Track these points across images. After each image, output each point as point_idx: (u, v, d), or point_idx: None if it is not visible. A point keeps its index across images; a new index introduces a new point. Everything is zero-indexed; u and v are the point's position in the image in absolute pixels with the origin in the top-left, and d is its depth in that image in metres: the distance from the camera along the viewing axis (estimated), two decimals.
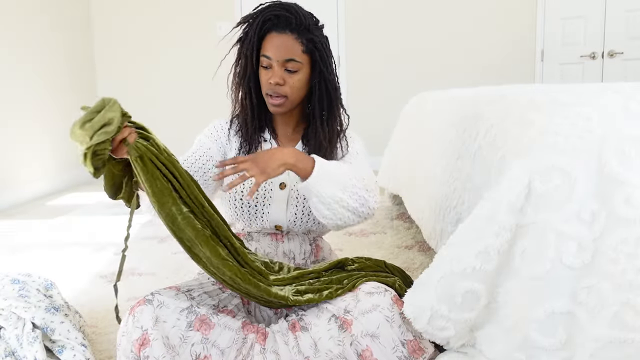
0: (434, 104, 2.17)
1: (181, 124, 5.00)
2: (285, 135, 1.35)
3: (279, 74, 1.21)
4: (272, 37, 1.22)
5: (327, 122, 1.29)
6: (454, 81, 4.69)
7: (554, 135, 0.97)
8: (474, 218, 1.00)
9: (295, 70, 1.22)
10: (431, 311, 1.00)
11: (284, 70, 1.22)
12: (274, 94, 1.23)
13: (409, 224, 2.72)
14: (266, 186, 1.29)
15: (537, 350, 0.96)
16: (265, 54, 1.22)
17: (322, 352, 1.04)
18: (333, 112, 1.30)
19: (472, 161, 1.31)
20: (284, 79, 1.22)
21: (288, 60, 1.21)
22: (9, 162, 3.64)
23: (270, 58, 1.22)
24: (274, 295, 1.09)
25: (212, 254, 1.04)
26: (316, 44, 1.23)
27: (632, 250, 0.88)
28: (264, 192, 1.29)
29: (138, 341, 1.01)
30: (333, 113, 1.30)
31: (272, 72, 1.22)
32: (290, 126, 1.35)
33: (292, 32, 1.21)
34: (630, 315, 0.89)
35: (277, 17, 1.21)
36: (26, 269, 2.17)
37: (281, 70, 1.22)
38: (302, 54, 1.22)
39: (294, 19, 1.20)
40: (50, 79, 4.23)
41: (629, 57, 4.32)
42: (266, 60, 1.22)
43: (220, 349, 1.05)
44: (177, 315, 1.05)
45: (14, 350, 1.21)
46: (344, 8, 4.76)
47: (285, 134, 1.35)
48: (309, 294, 1.11)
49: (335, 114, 1.30)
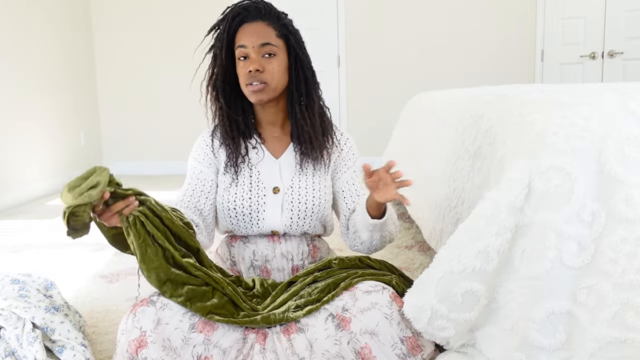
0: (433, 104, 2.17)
1: (181, 123, 5.00)
2: (273, 138, 1.34)
3: (257, 60, 1.21)
4: (244, 28, 1.23)
5: (306, 108, 1.29)
6: (454, 81, 4.69)
7: (553, 135, 0.97)
8: (474, 218, 1.00)
9: (273, 54, 1.23)
10: (431, 311, 1.00)
11: (261, 57, 1.22)
12: (254, 82, 1.22)
13: (409, 224, 2.72)
14: (259, 192, 1.28)
15: (537, 350, 0.96)
16: (240, 44, 1.23)
17: (318, 353, 1.03)
18: (311, 96, 1.29)
19: (472, 161, 1.31)
20: (263, 66, 1.22)
21: (264, 45, 1.22)
22: (9, 162, 3.64)
23: (245, 46, 1.22)
24: (273, 321, 1.09)
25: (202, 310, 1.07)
26: (289, 29, 1.26)
27: (632, 250, 0.88)
28: (258, 198, 1.28)
29: (135, 342, 1.01)
30: (312, 97, 1.29)
31: (250, 60, 1.22)
32: (276, 125, 1.33)
33: (264, 20, 1.23)
34: (630, 315, 0.89)
35: (246, 9, 1.23)
36: (26, 269, 2.17)
37: (258, 56, 1.22)
38: (276, 39, 1.23)
39: (263, 7, 1.23)
40: (50, 79, 4.23)
41: (629, 57, 4.32)
42: (242, 50, 1.23)
43: (222, 349, 1.06)
44: (179, 317, 1.05)
45: (14, 350, 1.21)
46: (344, 8, 4.76)
47: (274, 137, 1.34)
48: (308, 305, 1.11)
49: (313, 98, 1.29)
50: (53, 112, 4.24)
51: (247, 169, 1.29)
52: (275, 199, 1.28)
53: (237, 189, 1.28)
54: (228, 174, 1.29)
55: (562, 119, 0.99)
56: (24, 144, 3.83)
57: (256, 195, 1.28)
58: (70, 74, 4.53)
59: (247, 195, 1.27)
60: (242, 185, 1.28)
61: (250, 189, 1.28)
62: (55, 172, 4.25)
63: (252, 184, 1.28)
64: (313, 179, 1.31)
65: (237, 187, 1.28)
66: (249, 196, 1.27)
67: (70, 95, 4.51)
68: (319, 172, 1.32)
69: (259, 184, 1.29)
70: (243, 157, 1.30)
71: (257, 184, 1.29)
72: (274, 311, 1.11)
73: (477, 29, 4.72)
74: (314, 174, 1.31)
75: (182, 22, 4.87)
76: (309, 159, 1.30)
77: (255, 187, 1.28)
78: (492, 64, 4.74)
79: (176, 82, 4.94)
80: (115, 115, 5.06)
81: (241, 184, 1.28)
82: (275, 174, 1.30)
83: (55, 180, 4.22)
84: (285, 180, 1.30)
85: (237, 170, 1.28)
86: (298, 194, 1.29)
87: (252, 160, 1.30)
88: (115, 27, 4.93)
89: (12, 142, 3.68)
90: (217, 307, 1.07)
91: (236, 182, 1.28)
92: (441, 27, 4.76)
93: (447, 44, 4.77)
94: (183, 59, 4.93)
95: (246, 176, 1.29)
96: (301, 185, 1.30)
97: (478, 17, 4.71)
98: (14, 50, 3.74)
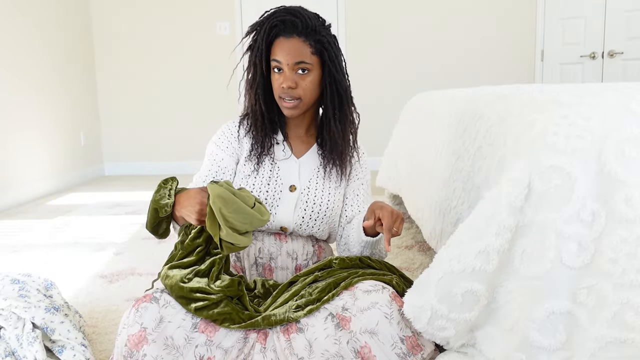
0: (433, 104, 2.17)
1: (181, 124, 5.01)
2: (297, 138, 1.37)
3: (291, 77, 1.23)
4: (280, 42, 1.24)
5: (339, 121, 1.31)
6: (454, 81, 4.69)
7: (553, 135, 0.97)
8: (474, 218, 1.00)
9: (306, 72, 1.24)
10: (431, 311, 1.00)
11: (295, 73, 1.24)
12: (287, 97, 1.25)
13: (409, 224, 2.72)
14: (276, 187, 1.31)
15: (537, 350, 0.96)
16: (276, 58, 1.24)
17: (318, 353, 1.03)
18: (344, 110, 1.31)
19: (472, 161, 1.31)
20: (296, 82, 1.24)
21: (298, 63, 1.23)
22: (9, 162, 3.64)
23: (280, 62, 1.24)
24: (274, 322, 1.10)
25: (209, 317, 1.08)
26: (324, 45, 1.25)
27: (632, 250, 0.88)
28: (274, 193, 1.30)
29: (134, 337, 1.01)
30: (344, 111, 1.32)
31: (284, 75, 1.24)
32: (302, 128, 1.37)
33: (300, 36, 1.23)
34: (630, 315, 0.89)
35: (283, 23, 1.23)
36: (26, 269, 2.17)
37: (292, 73, 1.23)
38: (311, 56, 1.24)
39: (300, 22, 1.22)
40: (50, 78, 4.23)
41: (629, 57, 4.32)
42: (277, 64, 1.25)
43: (223, 349, 1.06)
44: (182, 315, 1.06)
45: (14, 350, 1.21)
46: (344, 8, 4.76)
47: (298, 137, 1.37)
48: (309, 305, 1.12)
49: (346, 112, 1.32)
50: (53, 112, 4.24)
51: (269, 163, 1.32)
52: (291, 196, 1.31)
53: (256, 180, 1.31)
54: (250, 163, 1.32)
55: (562, 118, 0.99)
56: (24, 144, 3.83)
57: (273, 189, 1.30)
58: (70, 74, 4.53)
59: (264, 187, 1.30)
60: (262, 177, 1.31)
61: (268, 182, 1.31)
62: (55, 172, 4.25)
63: (271, 178, 1.31)
64: (330, 184, 1.35)
65: (255, 179, 1.31)
66: (266, 189, 1.30)
67: (70, 95, 4.51)
68: (337, 179, 1.36)
69: (277, 179, 1.31)
70: (268, 150, 1.32)
71: (275, 179, 1.31)
72: (275, 311, 1.11)
73: (477, 29, 4.73)
74: (332, 180, 1.35)
75: (182, 23, 4.87)
76: (334, 167, 1.34)
77: (273, 181, 1.31)
78: (492, 64, 4.74)
79: (176, 82, 4.94)
80: (115, 115, 5.06)
81: (260, 176, 1.31)
82: (294, 172, 1.33)
83: (55, 180, 4.22)
84: (303, 181, 1.33)
85: (259, 161, 1.31)
86: (314, 195, 1.32)
87: (276, 156, 1.33)
88: (115, 27, 4.93)
89: (12, 142, 3.68)
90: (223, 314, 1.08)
91: (256, 174, 1.31)
92: (441, 27, 4.76)
93: (447, 44, 4.77)
94: (183, 59, 4.93)
95: (266, 169, 1.32)
96: (318, 187, 1.33)
97: (478, 17, 4.71)
98: (14, 50, 3.74)
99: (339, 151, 1.32)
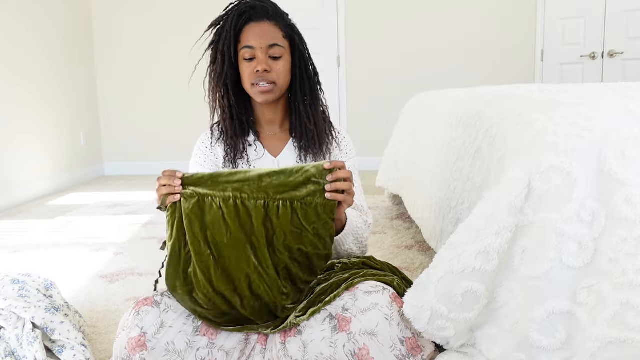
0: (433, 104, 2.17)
1: (181, 124, 5.01)
2: (273, 136, 1.34)
3: (265, 61, 1.21)
4: (251, 27, 1.22)
5: (309, 106, 1.29)
6: (454, 81, 4.69)
7: (553, 135, 0.97)
8: (474, 218, 1.00)
9: (280, 56, 1.23)
10: (431, 311, 1.00)
11: (268, 58, 1.22)
12: (261, 82, 1.22)
13: (409, 224, 2.72)
14: None
15: (537, 350, 0.96)
16: (247, 44, 1.22)
17: (312, 355, 1.02)
18: (315, 95, 1.30)
19: (472, 161, 1.31)
20: (270, 66, 1.22)
21: (272, 46, 1.21)
22: (9, 162, 3.64)
23: (253, 47, 1.21)
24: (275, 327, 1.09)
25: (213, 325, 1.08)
26: (294, 29, 1.26)
27: (632, 250, 0.88)
28: None
29: (133, 340, 1.01)
30: (316, 96, 1.30)
31: (257, 60, 1.22)
32: (276, 124, 1.33)
33: (270, 20, 1.22)
34: (630, 315, 0.89)
35: (252, 8, 1.22)
36: (26, 269, 2.17)
37: (265, 57, 1.22)
38: (283, 39, 1.23)
39: (270, 7, 1.23)
40: (51, 79, 4.23)
41: (629, 57, 4.32)
42: (249, 51, 1.22)
43: (225, 351, 1.06)
44: (183, 320, 1.05)
45: (14, 350, 1.21)
46: (344, 8, 4.76)
47: (273, 135, 1.34)
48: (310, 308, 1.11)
49: (317, 97, 1.31)
50: (53, 112, 4.24)
51: (245, 166, 1.30)
52: None
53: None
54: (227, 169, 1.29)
55: (562, 118, 0.99)
56: (24, 144, 3.83)
57: None
58: (70, 74, 4.53)
59: None
60: None
61: None
62: (55, 172, 4.25)
63: None
64: None
65: None
66: None
67: (70, 95, 4.51)
68: None
69: None
70: (242, 154, 1.30)
71: None
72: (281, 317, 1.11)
73: (477, 29, 4.72)
74: None
75: (182, 22, 4.87)
76: (309, 154, 1.30)
77: None
78: (492, 64, 4.74)
79: (176, 82, 4.94)
80: (115, 115, 5.06)
81: None
82: None
83: (55, 180, 4.22)
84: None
85: (234, 165, 1.29)
86: None
87: (251, 157, 1.31)
88: (115, 27, 4.93)
89: (12, 142, 3.68)
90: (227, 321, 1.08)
91: None
92: (441, 27, 4.76)
93: (447, 44, 4.77)
94: (183, 58, 4.93)
95: None
96: None
97: (478, 17, 4.71)
98: (14, 50, 3.74)
99: (311, 136, 1.28)
